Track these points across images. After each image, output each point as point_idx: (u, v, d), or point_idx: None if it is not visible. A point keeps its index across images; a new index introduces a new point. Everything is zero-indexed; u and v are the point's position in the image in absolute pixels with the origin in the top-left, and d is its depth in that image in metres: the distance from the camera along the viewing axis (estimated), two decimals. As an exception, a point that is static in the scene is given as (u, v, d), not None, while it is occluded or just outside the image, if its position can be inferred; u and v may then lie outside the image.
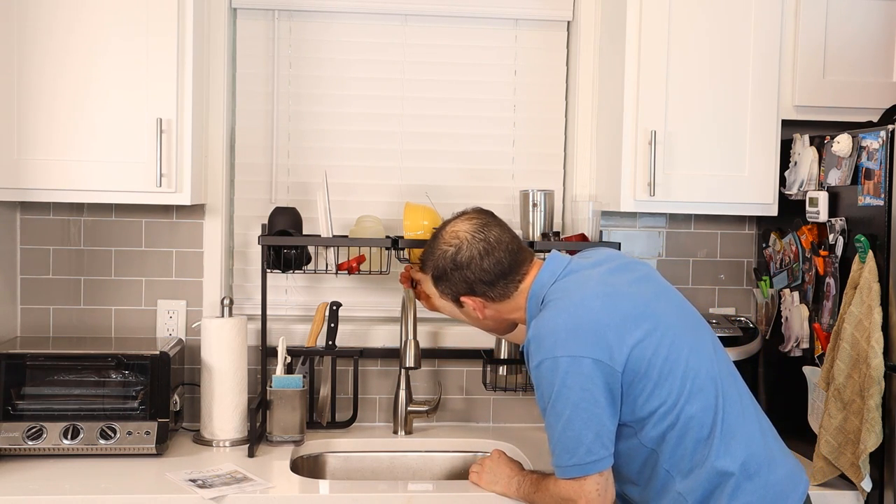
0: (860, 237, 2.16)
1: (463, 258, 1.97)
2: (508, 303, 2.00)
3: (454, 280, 1.99)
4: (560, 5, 2.81)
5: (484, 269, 1.96)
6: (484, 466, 2.15)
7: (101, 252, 2.68)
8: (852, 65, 2.54)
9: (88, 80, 2.32)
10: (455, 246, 1.98)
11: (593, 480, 1.82)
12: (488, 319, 2.05)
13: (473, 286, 1.98)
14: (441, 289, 2.04)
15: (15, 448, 2.29)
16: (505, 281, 1.97)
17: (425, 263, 2.07)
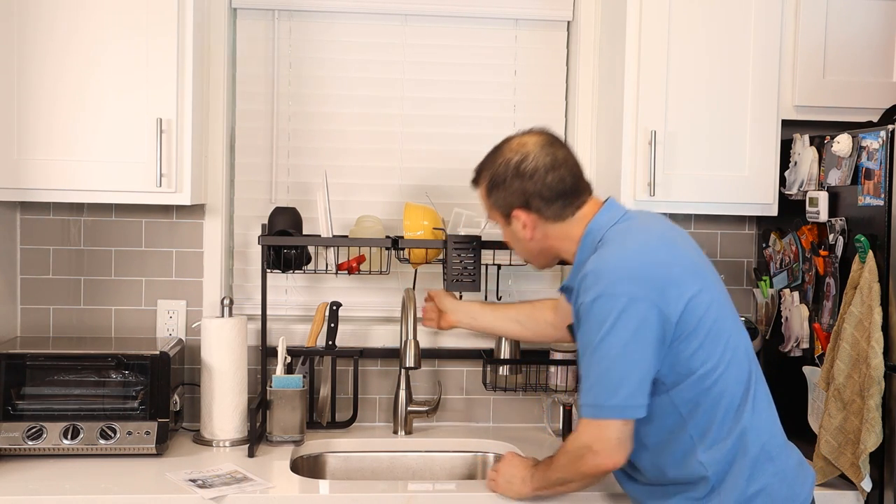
0: (860, 237, 2.16)
1: (527, 168, 1.90)
2: (561, 227, 1.93)
3: (511, 190, 1.92)
4: (560, 5, 2.81)
5: (547, 183, 1.89)
6: (499, 472, 2.09)
7: (101, 252, 2.68)
8: (852, 65, 2.54)
9: (88, 80, 2.32)
10: (521, 155, 1.92)
11: (616, 427, 1.77)
12: (535, 242, 1.96)
13: (530, 200, 1.91)
14: (493, 200, 1.96)
15: (15, 448, 2.29)
16: (564, 202, 1.91)
17: (480, 173, 2.00)
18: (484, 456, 2.61)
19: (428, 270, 2.74)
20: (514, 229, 1.97)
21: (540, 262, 2.06)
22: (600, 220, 1.91)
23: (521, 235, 1.96)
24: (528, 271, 2.78)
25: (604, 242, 1.86)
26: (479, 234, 2.53)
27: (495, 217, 2.01)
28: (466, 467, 2.61)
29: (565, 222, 1.92)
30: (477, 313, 2.42)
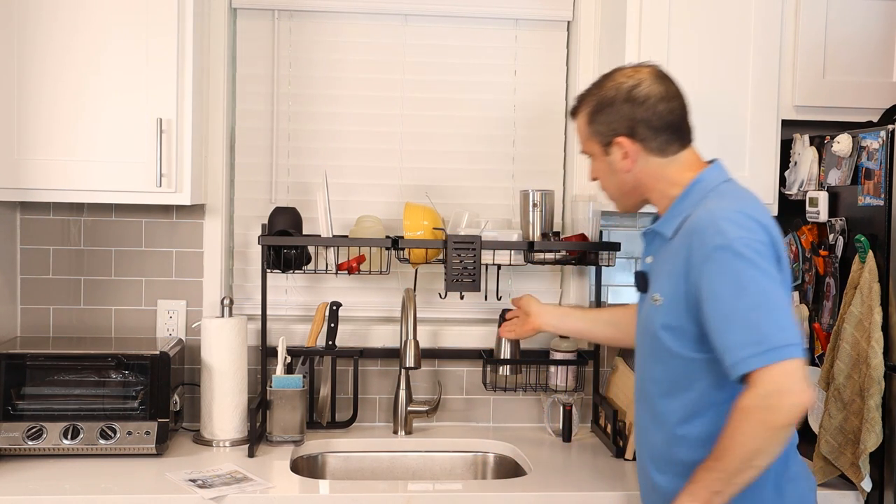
0: (860, 237, 2.16)
1: (640, 93, 1.83)
2: (661, 164, 1.85)
3: (618, 115, 1.84)
4: (560, 5, 2.81)
5: (657, 112, 1.83)
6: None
7: (101, 252, 2.68)
8: (852, 65, 2.53)
9: (88, 80, 2.33)
10: (635, 80, 1.85)
11: (799, 365, 1.60)
12: (630, 175, 1.86)
13: (637, 127, 1.83)
14: (596, 126, 1.87)
15: (15, 448, 2.29)
16: (669, 136, 1.84)
17: (584, 99, 1.91)
18: (484, 456, 2.61)
19: (428, 270, 2.74)
20: (612, 160, 1.87)
21: (627, 202, 1.94)
22: (712, 173, 1.85)
23: (619, 166, 1.86)
24: (529, 271, 2.78)
25: (718, 194, 1.78)
26: (479, 234, 2.53)
27: (591, 148, 1.92)
28: (466, 467, 2.61)
29: (666, 159, 1.85)
30: (566, 315, 2.37)
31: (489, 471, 2.61)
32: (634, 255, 2.81)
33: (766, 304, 1.63)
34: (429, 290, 2.76)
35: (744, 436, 1.59)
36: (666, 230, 1.83)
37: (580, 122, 1.93)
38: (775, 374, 1.58)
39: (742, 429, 1.59)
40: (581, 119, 1.93)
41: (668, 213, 1.85)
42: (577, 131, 1.96)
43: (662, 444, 1.84)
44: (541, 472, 2.35)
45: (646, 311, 1.87)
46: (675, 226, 1.80)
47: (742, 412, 1.60)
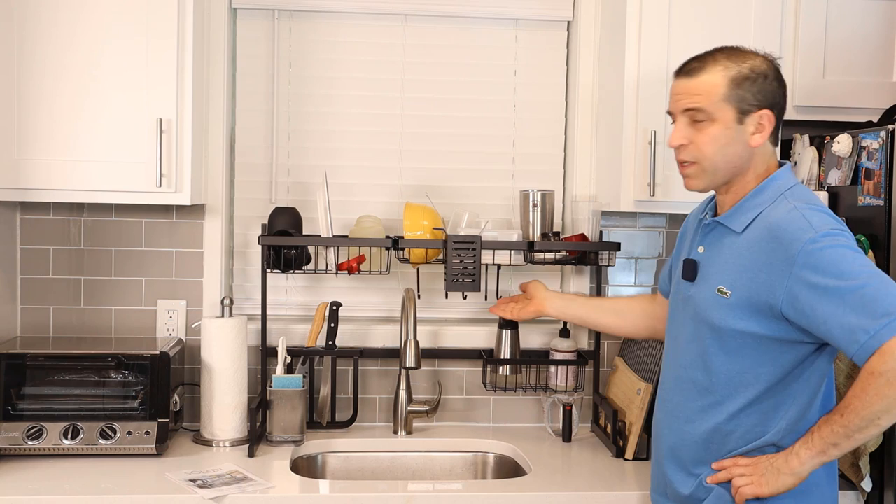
0: (860, 237, 2.16)
1: (783, 78, 1.86)
2: (769, 151, 1.86)
3: (769, 88, 1.82)
4: (560, 5, 2.81)
5: (785, 101, 1.87)
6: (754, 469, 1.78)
7: (101, 252, 2.68)
8: (852, 64, 2.53)
9: (88, 80, 2.33)
10: (777, 64, 1.86)
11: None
12: (749, 152, 1.82)
13: (775, 107, 1.83)
14: (742, 92, 1.79)
15: (15, 448, 2.29)
16: (779, 127, 1.87)
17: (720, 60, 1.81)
18: (484, 456, 2.61)
19: (428, 270, 2.74)
20: (742, 129, 1.80)
21: (716, 179, 1.85)
22: (786, 174, 1.85)
23: (747, 139, 1.81)
24: (529, 271, 2.78)
25: (794, 195, 1.79)
26: (479, 234, 2.53)
27: (719, 112, 1.80)
28: (466, 467, 2.61)
29: (773, 149, 1.87)
30: (571, 301, 2.39)
31: (489, 471, 2.61)
32: (634, 255, 2.81)
33: (875, 277, 1.64)
34: (429, 290, 2.76)
35: (874, 397, 1.61)
36: (735, 224, 1.82)
37: (712, 80, 1.80)
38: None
39: (873, 390, 1.61)
40: (717, 78, 1.80)
41: (738, 206, 1.83)
42: (701, 90, 1.81)
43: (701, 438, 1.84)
44: (541, 472, 2.35)
45: (701, 301, 1.84)
46: (747, 221, 1.80)
47: (874, 376, 1.60)
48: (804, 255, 1.67)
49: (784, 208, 1.76)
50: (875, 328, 1.60)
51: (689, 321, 1.88)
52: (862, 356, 1.62)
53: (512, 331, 2.64)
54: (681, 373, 1.90)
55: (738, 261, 1.78)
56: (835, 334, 1.64)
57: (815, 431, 1.71)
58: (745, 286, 1.75)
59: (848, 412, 1.65)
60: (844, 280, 1.63)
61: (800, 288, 1.67)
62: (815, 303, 1.66)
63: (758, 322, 1.75)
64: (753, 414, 1.79)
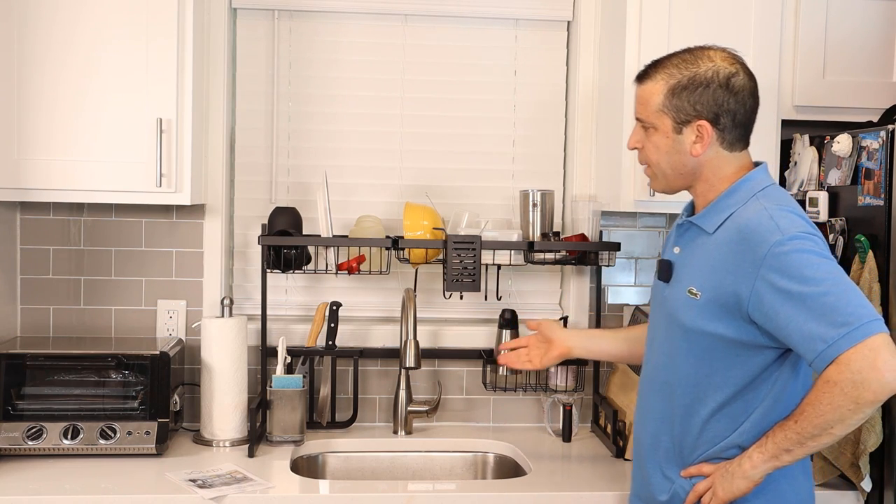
0: (860, 237, 2.16)
1: (737, 84, 1.77)
2: (725, 157, 1.80)
3: (709, 98, 1.76)
4: (560, 5, 2.81)
5: (746, 107, 1.78)
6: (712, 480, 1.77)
7: (101, 252, 2.68)
8: (852, 65, 2.53)
9: (89, 80, 2.33)
10: (734, 69, 1.79)
11: (887, 339, 1.58)
12: (694, 161, 1.80)
13: (722, 116, 1.77)
14: (677, 102, 1.77)
15: (15, 448, 2.29)
16: (742, 133, 1.80)
17: (665, 68, 1.80)
18: (484, 456, 2.61)
19: (428, 270, 2.74)
20: (681, 139, 1.79)
21: (672, 183, 1.87)
22: (760, 174, 1.82)
23: (687, 148, 1.79)
24: (529, 271, 2.78)
25: (766, 196, 1.77)
26: (479, 234, 2.53)
27: (658, 121, 1.81)
28: (466, 467, 2.61)
29: (731, 154, 1.81)
30: (593, 337, 2.25)
31: (489, 471, 2.61)
32: (634, 255, 2.81)
33: (839, 285, 1.62)
34: (429, 290, 2.76)
35: (828, 406, 1.60)
36: (707, 225, 1.80)
37: (653, 89, 1.81)
38: (864, 351, 1.57)
39: (827, 399, 1.60)
40: (656, 87, 1.80)
41: (711, 207, 1.82)
42: (643, 98, 1.83)
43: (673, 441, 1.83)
44: (541, 472, 2.35)
45: (674, 302, 1.82)
46: (719, 221, 1.78)
47: (829, 385, 1.59)
48: (771, 257, 1.66)
49: (754, 209, 1.74)
50: (833, 337, 1.58)
51: (664, 322, 1.86)
52: (819, 365, 1.61)
53: (512, 331, 2.63)
54: (655, 374, 1.88)
55: (709, 262, 1.77)
56: (794, 340, 1.64)
57: (770, 436, 1.70)
58: (714, 287, 1.74)
59: (802, 419, 1.64)
60: (807, 286, 1.62)
61: (765, 290, 1.66)
62: (778, 306, 1.64)
63: (726, 324, 1.73)
64: (722, 419, 1.77)
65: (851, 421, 1.61)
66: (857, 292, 1.63)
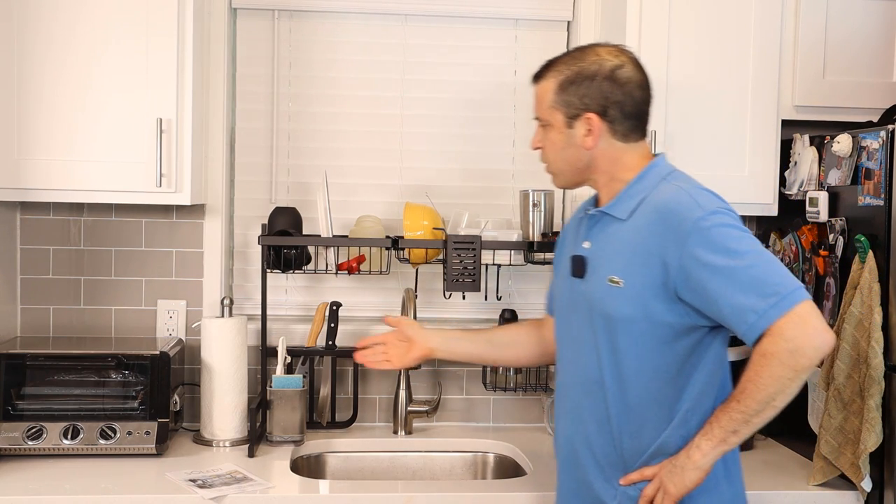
0: (860, 237, 2.16)
1: (622, 75, 1.80)
2: (621, 148, 1.82)
3: (595, 91, 1.79)
4: (560, 5, 2.81)
5: (634, 97, 1.80)
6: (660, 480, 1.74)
7: (101, 252, 2.68)
8: (852, 65, 2.54)
9: (89, 80, 2.32)
10: (620, 61, 1.81)
11: (812, 305, 1.62)
12: (587, 154, 1.82)
13: (609, 107, 1.79)
14: (566, 96, 1.81)
15: (15, 448, 2.29)
16: (636, 123, 1.82)
17: (555, 66, 1.84)
18: (484, 456, 2.61)
19: (428, 270, 2.74)
20: (573, 133, 1.82)
21: (570, 179, 1.90)
22: (663, 161, 1.84)
23: (579, 142, 1.82)
24: (529, 271, 2.78)
25: (675, 178, 1.80)
26: (479, 234, 2.53)
27: (551, 117, 1.85)
28: (466, 467, 2.61)
29: (626, 145, 1.83)
30: (458, 339, 2.19)
31: (489, 471, 2.61)
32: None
33: (762, 256, 1.65)
34: (429, 290, 2.76)
35: (768, 379, 1.62)
36: (620, 212, 1.80)
37: (545, 87, 1.86)
38: (795, 319, 1.60)
39: (766, 372, 1.62)
40: (548, 84, 1.85)
41: (621, 195, 1.82)
42: (538, 97, 1.88)
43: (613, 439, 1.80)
44: (541, 472, 2.35)
45: (594, 294, 1.80)
46: (631, 207, 1.78)
47: (767, 358, 1.61)
48: (695, 232, 1.67)
49: (669, 190, 1.75)
50: (764, 308, 1.61)
51: (584, 319, 1.82)
52: (751, 336, 1.63)
53: (512, 331, 2.63)
54: (583, 374, 1.83)
55: (628, 247, 1.76)
56: (725, 313, 1.65)
57: (714, 421, 1.69)
58: (637, 272, 1.73)
59: (744, 397, 1.65)
60: (733, 259, 1.64)
61: (691, 265, 1.66)
62: (705, 281, 1.65)
63: (653, 307, 1.72)
64: (658, 409, 1.75)
65: (791, 389, 1.63)
66: (779, 263, 1.66)
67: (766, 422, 1.67)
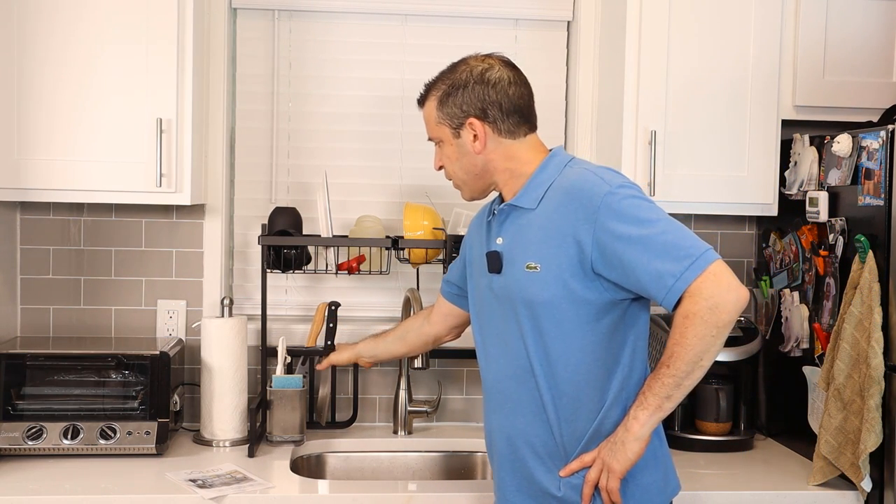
0: (860, 237, 2.16)
1: (492, 76, 1.86)
2: (511, 146, 1.86)
3: (470, 97, 1.85)
4: (560, 5, 2.81)
5: (509, 95, 1.85)
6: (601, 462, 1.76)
7: (101, 252, 2.68)
8: (852, 65, 2.53)
9: (88, 80, 2.33)
10: (487, 65, 1.88)
11: (723, 264, 1.68)
12: (480, 158, 1.87)
13: (488, 109, 1.85)
14: (447, 110, 1.88)
15: (15, 448, 2.29)
16: (519, 118, 1.86)
17: (433, 86, 1.92)
18: (484, 456, 2.61)
19: (428, 270, 2.74)
20: (462, 142, 1.88)
21: (475, 186, 1.94)
22: (562, 151, 1.91)
23: (470, 148, 1.87)
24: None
25: (578, 163, 1.86)
26: (479, 234, 2.53)
27: (440, 133, 1.91)
28: (466, 467, 2.61)
29: (516, 141, 1.87)
30: (372, 348, 2.34)
31: (489, 471, 2.60)
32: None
33: (671, 223, 1.71)
34: (429, 290, 2.76)
35: (694, 339, 1.65)
36: (528, 202, 1.83)
37: (429, 107, 1.92)
38: (711, 277, 1.65)
39: (691, 332, 1.66)
40: (430, 104, 1.92)
41: (526, 187, 1.85)
42: (426, 119, 1.95)
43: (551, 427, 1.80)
44: (541, 472, 2.35)
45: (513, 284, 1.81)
46: (539, 195, 1.82)
47: (689, 318, 1.66)
48: (605, 207, 1.71)
49: (575, 172, 1.81)
50: (680, 270, 1.65)
51: (508, 311, 1.84)
52: (671, 299, 1.66)
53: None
54: (513, 365, 1.83)
55: (540, 233, 1.79)
56: (643, 281, 1.68)
57: (647, 390, 1.72)
58: (553, 254, 1.76)
59: (673, 361, 1.68)
60: (646, 228, 1.68)
61: (606, 239, 1.70)
62: (620, 252, 1.69)
63: (572, 287, 1.74)
64: (589, 390, 1.77)
65: (715, 348, 1.67)
66: (686, 228, 1.71)
67: (695, 384, 1.71)
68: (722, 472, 2.33)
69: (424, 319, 2.28)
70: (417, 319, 2.31)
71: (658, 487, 1.82)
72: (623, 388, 1.78)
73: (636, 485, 1.77)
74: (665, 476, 1.84)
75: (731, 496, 2.17)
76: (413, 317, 2.35)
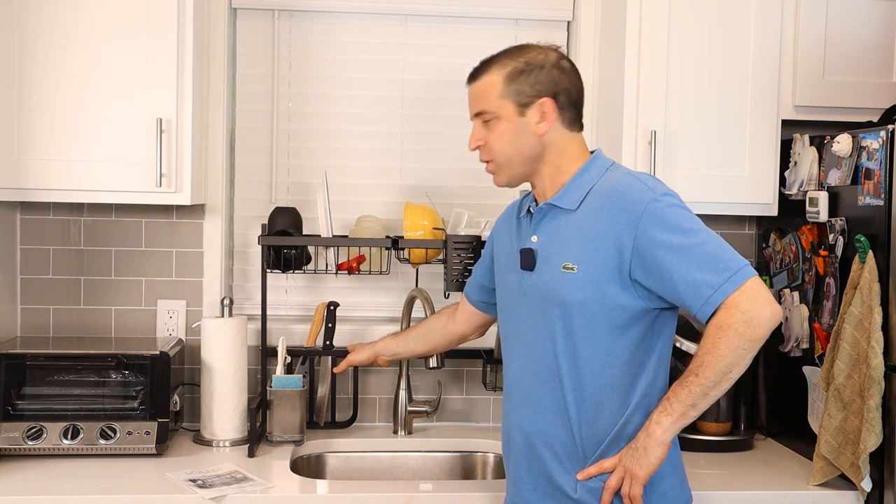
0: (860, 237, 2.16)
1: (566, 66, 1.88)
2: (567, 137, 1.86)
3: (546, 77, 1.84)
4: (560, 5, 2.81)
5: (576, 86, 1.88)
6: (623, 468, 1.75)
7: (101, 252, 2.68)
8: (852, 65, 2.53)
9: (88, 80, 2.32)
10: (560, 54, 1.89)
11: (760, 281, 1.69)
12: (539, 141, 1.84)
13: (560, 94, 1.84)
14: (517, 86, 1.83)
15: (15, 448, 2.29)
16: (576, 113, 1.88)
17: (497, 62, 1.86)
18: (484, 456, 2.61)
19: (428, 270, 2.74)
20: (525, 121, 1.83)
21: (516, 172, 1.89)
22: (603, 155, 1.91)
23: (534, 129, 1.83)
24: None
25: (620, 168, 1.86)
26: (480, 234, 2.53)
27: (499, 109, 1.84)
28: (466, 467, 2.61)
29: (572, 134, 1.87)
30: (393, 346, 2.35)
31: (489, 471, 2.61)
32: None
33: (712, 235, 1.71)
34: (429, 289, 2.76)
35: (726, 350, 1.65)
36: (569, 203, 1.82)
37: (490, 81, 1.85)
38: (748, 292, 1.66)
39: (724, 343, 1.66)
40: (493, 78, 1.85)
41: (568, 186, 1.84)
42: (479, 93, 1.87)
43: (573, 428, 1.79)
44: (541, 472, 2.35)
45: (548, 283, 1.81)
46: (580, 197, 1.81)
47: (723, 329, 1.65)
48: (648, 213, 1.71)
49: (618, 176, 1.80)
50: (719, 282, 1.66)
51: (537, 309, 1.83)
52: (707, 310, 1.67)
53: (512, 331, 2.63)
54: (537, 365, 1.83)
55: (580, 234, 1.78)
56: (680, 289, 1.68)
57: (672, 397, 1.71)
58: (591, 257, 1.76)
59: (703, 370, 1.67)
60: (687, 237, 1.69)
61: (646, 245, 1.70)
62: (660, 259, 1.69)
63: (607, 291, 1.74)
64: (613, 395, 1.77)
65: (745, 361, 1.67)
66: (725, 242, 1.72)
67: (721, 395, 1.70)
68: (722, 472, 2.33)
69: (449, 318, 2.28)
70: (441, 318, 2.31)
71: (675, 495, 1.81)
72: (646, 395, 1.78)
73: (654, 492, 1.77)
74: (681, 485, 1.84)
75: (731, 496, 2.17)
76: (435, 316, 2.35)
